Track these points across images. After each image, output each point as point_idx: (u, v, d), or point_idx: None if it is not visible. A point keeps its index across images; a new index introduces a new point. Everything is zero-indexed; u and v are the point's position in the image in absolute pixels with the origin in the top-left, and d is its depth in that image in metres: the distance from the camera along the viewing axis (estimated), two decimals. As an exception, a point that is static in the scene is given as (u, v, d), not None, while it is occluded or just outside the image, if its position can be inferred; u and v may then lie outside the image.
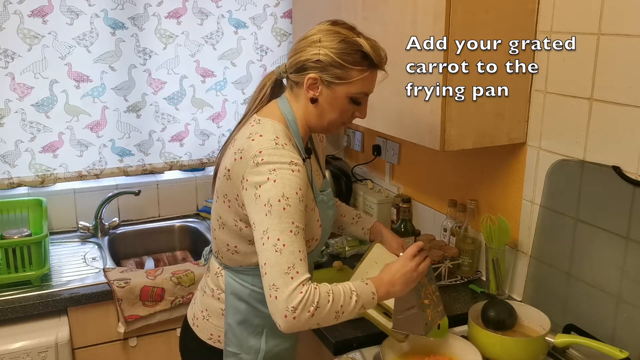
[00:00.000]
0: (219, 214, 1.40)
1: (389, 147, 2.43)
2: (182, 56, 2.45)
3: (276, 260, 1.20)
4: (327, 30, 1.31)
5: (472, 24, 1.56)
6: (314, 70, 1.30)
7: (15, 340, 1.83)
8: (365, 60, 1.30)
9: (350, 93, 1.32)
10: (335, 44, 1.29)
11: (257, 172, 1.25)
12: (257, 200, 1.24)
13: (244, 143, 1.31)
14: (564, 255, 1.61)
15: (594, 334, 1.48)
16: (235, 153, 1.32)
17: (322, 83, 1.31)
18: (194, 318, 1.51)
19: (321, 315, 1.20)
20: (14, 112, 2.24)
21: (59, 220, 2.41)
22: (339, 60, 1.28)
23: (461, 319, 1.65)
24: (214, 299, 1.47)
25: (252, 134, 1.32)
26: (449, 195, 2.08)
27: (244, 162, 1.28)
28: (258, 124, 1.35)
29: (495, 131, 1.69)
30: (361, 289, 1.27)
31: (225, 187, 1.35)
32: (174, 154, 2.55)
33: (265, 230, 1.22)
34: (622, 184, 1.45)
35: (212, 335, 1.47)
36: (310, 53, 1.30)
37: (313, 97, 1.33)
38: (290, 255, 1.20)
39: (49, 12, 2.21)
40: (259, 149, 1.27)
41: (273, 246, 1.21)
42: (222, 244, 1.42)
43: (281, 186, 1.22)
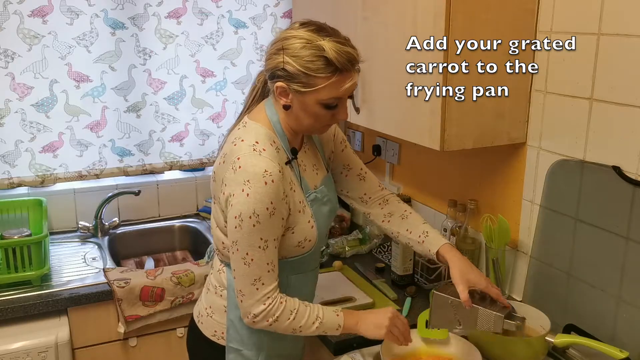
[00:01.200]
0: (213, 214, 1.45)
1: (389, 147, 2.43)
2: (182, 56, 2.45)
3: (244, 271, 1.30)
4: (292, 37, 1.27)
5: (472, 24, 1.56)
6: (281, 79, 1.28)
7: (15, 340, 1.83)
8: (330, 66, 1.24)
9: (320, 100, 1.28)
10: (298, 50, 1.24)
11: (234, 179, 1.28)
12: (231, 209, 1.29)
13: (228, 147, 1.35)
14: (564, 255, 1.61)
15: (594, 334, 1.48)
16: (221, 157, 1.37)
17: (291, 91, 1.29)
18: (199, 315, 1.53)
19: (279, 327, 1.34)
20: (14, 112, 2.24)
21: (59, 220, 2.41)
22: (301, 69, 1.24)
23: (461, 319, 1.65)
24: (217, 295, 1.48)
25: (236, 139, 1.34)
26: (449, 195, 2.08)
27: (225, 166, 1.33)
28: (244, 128, 1.37)
29: (495, 131, 1.69)
30: (327, 319, 1.38)
31: (213, 190, 1.42)
32: (174, 154, 2.55)
33: (235, 241, 1.30)
34: (622, 184, 1.45)
35: (216, 331, 1.48)
36: (276, 61, 1.27)
37: (285, 104, 1.32)
38: (257, 269, 1.29)
39: (49, 12, 2.21)
40: (238, 155, 1.30)
41: (242, 258, 1.29)
42: (218, 242, 1.44)
43: (253, 202, 1.25)
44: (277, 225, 1.31)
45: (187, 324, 2.05)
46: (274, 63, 1.28)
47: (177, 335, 2.09)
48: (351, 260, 2.12)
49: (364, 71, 1.93)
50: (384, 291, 1.87)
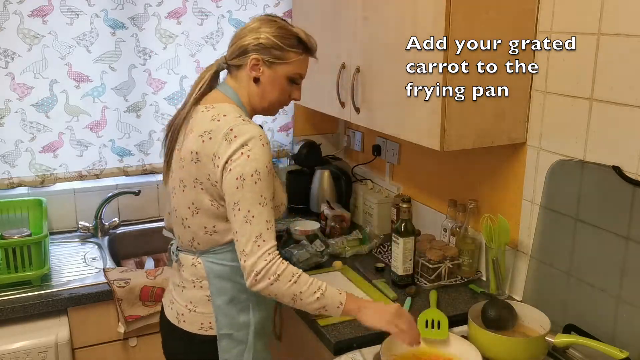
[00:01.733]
0: (190, 201, 1.46)
1: (389, 147, 2.43)
2: (182, 56, 2.45)
3: (246, 229, 1.35)
4: (265, 20, 1.49)
5: (472, 24, 1.56)
6: (256, 53, 1.45)
7: (15, 340, 1.83)
8: (301, 45, 1.48)
9: (289, 73, 1.49)
10: (274, 29, 1.46)
11: (231, 148, 1.36)
12: (229, 173, 1.35)
13: (209, 125, 1.42)
14: (564, 255, 1.61)
15: (594, 334, 1.48)
16: (202, 136, 1.41)
17: (263, 64, 1.46)
18: (179, 315, 1.53)
19: (280, 289, 1.35)
20: (14, 112, 2.24)
21: (59, 220, 2.41)
22: (278, 42, 1.45)
23: (461, 319, 1.65)
24: (196, 289, 1.50)
25: (215, 116, 1.43)
26: (449, 195, 2.08)
27: (214, 142, 1.38)
28: (213, 109, 1.46)
29: (495, 131, 1.69)
30: (330, 293, 1.40)
31: (195, 171, 1.43)
32: (174, 154, 2.54)
33: (236, 202, 1.35)
34: (622, 184, 1.45)
35: (203, 324, 1.50)
36: (251, 37, 1.46)
37: (256, 77, 1.48)
38: (258, 225, 1.35)
39: (49, 12, 2.21)
40: (229, 126, 1.38)
41: (243, 217, 1.35)
42: (199, 228, 1.47)
43: (254, 161, 1.35)
44: (271, 184, 1.39)
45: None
46: (248, 40, 1.46)
47: (177, 335, 2.08)
48: (351, 260, 2.12)
49: (364, 71, 1.93)
50: (384, 291, 1.87)
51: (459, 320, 1.66)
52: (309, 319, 1.71)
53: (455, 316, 1.69)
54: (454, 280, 1.93)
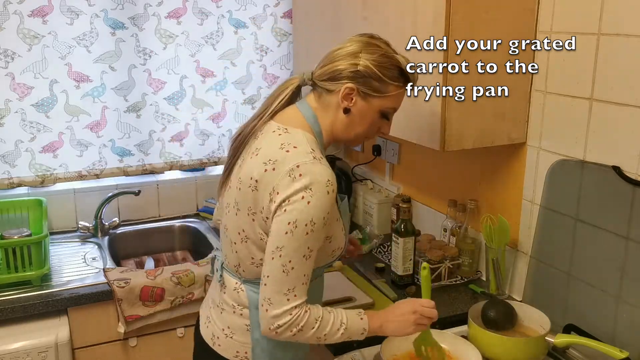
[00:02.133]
0: (241, 227, 1.35)
1: (389, 147, 2.43)
2: (182, 56, 2.45)
3: (280, 278, 1.24)
4: (367, 43, 1.31)
5: (472, 24, 1.56)
6: (351, 81, 1.29)
7: (15, 340, 1.83)
8: (402, 77, 1.33)
9: (383, 107, 1.34)
10: (377, 57, 1.29)
11: (292, 187, 1.23)
12: (284, 214, 1.23)
13: (276, 154, 1.28)
14: (564, 255, 1.61)
15: (594, 334, 1.48)
16: (266, 164, 1.28)
17: (357, 94, 1.31)
18: (214, 337, 1.44)
19: (303, 337, 1.28)
20: (14, 112, 2.24)
21: (59, 220, 2.41)
22: (378, 73, 1.29)
23: (461, 319, 1.65)
24: (236, 315, 1.41)
25: (285, 145, 1.28)
26: (449, 195, 2.08)
27: (276, 174, 1.26)
28: (286, 134, 1.31)
29: (495, 131, 1.69)
30: (352, 323, 1.32)
31: (251, 199, 1.31)
32: (174, 154, 2.55)
33: (280, 247, 1.24)
34: (622, 184, 1.45)
35: (239, 352, 1.41)
36: (348, 62, 1.29)
37: (347, 107, 1.32)
38: (295, 279, 1.24)
39: (49, 12, 2.21)
40: (296, 162, 1.24)
41: (282, 265, 1.23)
42: (246, 257, 1.37)
43: (313, 209, 1.22)
44: (323, 236, 1.28)
45: (187, 324, 2.06)
46: (344, 64, 1.29)
47: (177, 335, 2.08)
48: (351, 260, 2.12)
49: (364, 71, 1.93)
50: (384, 291, 1.87)
51: (459, 320, 1.66)
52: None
53: (455, 316, 1.69)
54: (454, 280, 1.93)
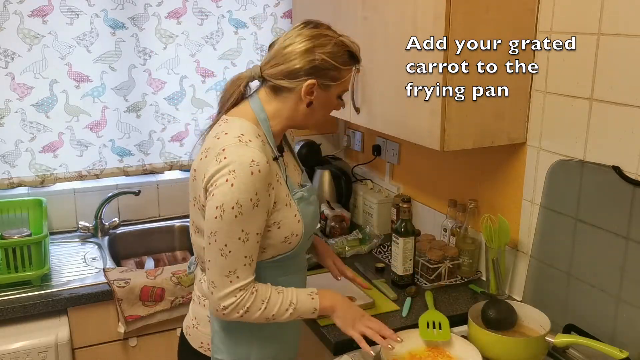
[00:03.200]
0: (192, 219, 1.40)
1: (389, 147, 2.43)
2: (182, 56, 2.45)
3: (219, 263, 1.26)
4: (317, 36, 1.31)
5: (472, 24, 1.56)
6: (311, 77, 1.31)
7: (15, 340, 1.83)
8: (352, 59, 1.35)
9: (340, 91, 1.37)
10: (330, 48, 1.31)
11: (217, 170, 1.24)
12: (211, 199, 1.25)
13: (210, 142, 1.32)
14: (564, 255, 1.61)
15: (594, 334, 1.48)
16: (202, 152, 1.33)
17: (318, 87, 1.32)
18: (187, 327, 1.50)
19: (250, 318, 1.30)
20: (14, 112, 2.24)
21: (59, 220, 2.41)
22: (334, 63, 1.31)
23: (461, 319, 1.65)
24: (201, 306, 1.45)
25: (218, 133, 1.32)
26: (449, 195, 2.08)
27: (207, 160, 1.29)
28: (225, 123, 1.35)
29: (495, 131, 1.69)
30: (302, 304, 1.34)
31: (193, 190, 1.36)
32: (174, 154, 2.55)
33: (214, 232, 1.25)
34: (622, 184, 1.45)
35: (202, 343, 1.45)
36: (305, 60, 1.30)
37: (310, 101, 1.34)
38: (235, 261, 1.26)
39: (49, 12, 2.21)
40: (223, 146, 1.27)
41: (219, 249, 1.25)
42: (199, 248, 1.39)
43: (237, 191, 1.22)
44: (260, 218, 1.27)
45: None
46: (302, 63, 1.30)
47: (177, 335, 2.08)
48: (351, 260, 2.12)
49: (364, 71, 1.93)
50: (384, 291, 1.87)
51: (459, 320, 1.66)
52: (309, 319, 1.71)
53: (455, 316, 1.69)
54: (454, 280, 1.93)
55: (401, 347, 1.50)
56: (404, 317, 1.72)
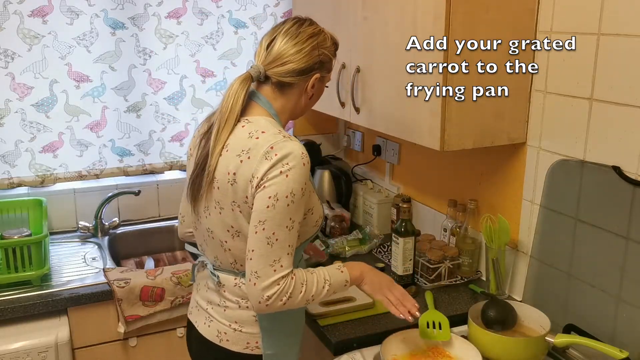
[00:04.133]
0: (229, 224, 1.38)
1: (389, 147, 2.43)
2: (182, 56, 2.45)
3: (265, 251, 1.28)
4: (316, 34, 1.41)
5: (472, 24, 1.56)
6: (316, 71, 1.41)
7: (15, 340, 1.83)
8: (335, 50, 1.48)
9: (328, 79, 1.50)
10: (328, 44, 1.43)
11: (269, 165, 1.28)
12: (263, 191, 1.28)
13: (247, 143, 1.33)
14: (564, 255, 1.61)
15: (594, 334, 1.48)
16: (240, 155, 1.33)
17: (318, 80, 1.44)
18: (220, 334, 1.46)
19: (293, 303, 1.32)
20: (14, 112, 2.24)
21: (59, 220, 2.41)
22: (331, 56, 1.45)
23: (461, 319, 1.65)
24: (242, 309, 1.44)
25: (252, 133, 1.34)
26: (449, 195, 2.08)
27: (252, 161, 1.30)
28: (250, 123, 1.37)
29: (495, 131, 1.69)
30: (335, 279, 1.39)
31: (232, 194, 1.35)
32: (174, 154, 2.55)
33: (263, 220, 1.28)
34: (622, 184, 1.45)
35: (249, 343, 1.45)
36: (313, 56, 1.39)
37: (313, 93, 1.45)
38: (280, 249, 1.29)
39: (49, 12, 2.21)
40: (269, 144, 1.30)
41: (266, 238, 1.28)
42: (241, 252, 1.38)
43: (292, 182, 1.28)
44: (303, 207, 1.34)
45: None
46: (312, 59, 1.39)
47: (177, 335, 2.09)
48: (351, 260, 2.12)
49: (364, 71, 1.93)
50: (384, 291, 1.87)
51: (459, 320, 1.66)
52: (309, 319, 1.71)
53: (455, 316, 1.69)
54: (454, 280, 1.93)
55: (401, 347, 1.50)
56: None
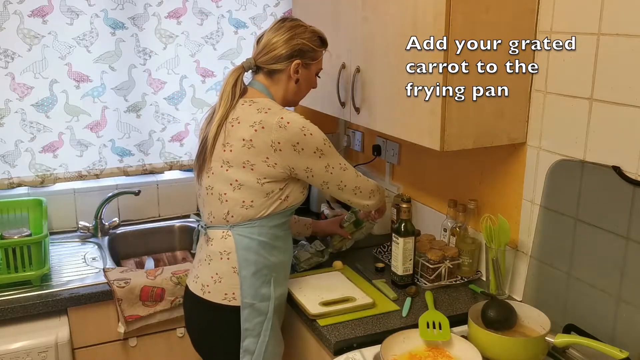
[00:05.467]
0: (233, 178, 1.63)
1: (389, 147, 2.43)
2: (182, 56, 2.45)
3: (347, 174, 1.69)
4: (294, 27, 1.70)
5: (472, 24, 1.56)
6: (297, 58, 1.69)
7: (15, 340, 1.83)
8: (323, 43, 1.76)
9: (317, 69, 1.77)
10: (306, 35, 1.70)
11: (290, 132, 1.58)
12: (302, 152, 1.59)
13: (258, 116, 1.61)
14: (564, 255, 1.61)
15: (594, 334, 1.49)
16: (253, 126, 1.60)
17: (302, 66, 1.70)
18: (204, 287, 1.68)
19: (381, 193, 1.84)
20: (14, 112, 2.24)
21: (59, 220, 2.41)
22: (312, 46, 1.71)
23: (461, 319, 1.65)
24: (223, 261, 1.65)
25: (261, 109, 1.62)
26: (449, 195, 2.08)
27: (268, 130, 1.58)
28: (255, 103, 1.66)
29: (495, 131, 1.69)
30: None
31: (246, 155, 1.60)
32: (174, 154, 2.55)
33: (326, 165, 1.64)
34: (622, 184, 1.45)
35: (227, 294, 1.65)
36: (290, 46, 1.68)
37: (297, 78, 1.71)
38: (351, 169, 1.71)
39: (49, 12, 2.21)
40: (280, 116, 1.59)
41: (341, 169, 1.67)
42: (237, 202, 1.63)
43: (317, 135, 1.61)
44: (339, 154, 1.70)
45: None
46: (288, 49, 1.68)
47: (177, 335, 2.09)
48: (351, 260, 2.12)
49: (364, 71, 1.93)
50: (384, 291, 1.87)
51: (459, 320, 1.66)
52: (309, 319, 1.71)
53: (455, 316, 1.69)
54: (454, 280, 1.93)
55: (401, 347, 1.50)
56: (404, 317, 1.72)
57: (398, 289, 1.89)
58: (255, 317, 1.66)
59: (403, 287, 1.89)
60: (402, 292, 1.87)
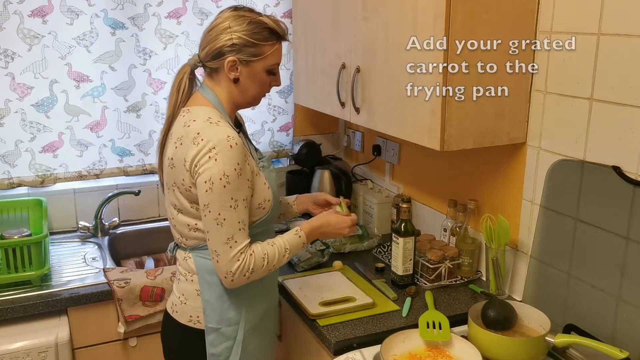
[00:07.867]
0: (173, 202, 1.51)
1: (389, 147, 2.43)
2: (182, 56, 2.44)
3: (217, 231, 1.39)
4: (234, 17, 1.46)
5: (472, 24, 1.56)
6: (231, 54, 1.45)
7: (15, 340, 1.83)
8: (274, 35, 1.48)
9: (267, 66, 1.49)
10: (245, 26, 1.45)
11: (198, 152, 1.38)
12: (199, 176, 1.38)
13: (181, 131, 1.44)
14: (564, 255, 1.61)
15: (594, 334, 1.49)
16: (175, 142, 1.45)
17: (240, 63, 1.46)
18: (173, 305, 1.58)
19: (256, 276, 1.44)
20: (14, 112, 2.24)
21: (59, 220, 2.41)
22: (251, 40, 1.45)
23: (461, 319, 1.65)
24: (188, 282, 1.55)
25: (187, 122, 1.45)
26: (449, 195, 2.08)
27: (184, 147, 1.41)
28: (188, 113, 1.48)
29: (495, 131, 1.69)
30: (293, 244, 1.51)
31: (172, 176, 1.46)
32: (174, 154, 2.54)
33: (206, 204, 1.39)
34: (622, 184, 1.45)
35: (192, 317, 1.54)
36: (224, 40, 1.45)
37: (235, 78, 1.48)
38: (229, 227, 1.39)
39: (49, 12, 2.21)
40: (197, 131, 1.40)
41: (214, 219, 1.39)
42: (183, 226, 1.51)
43: (222, 164, 1.36)
44: (244, 186, 1.41)
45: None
46: (221, 42, 1.45)
47: (177, 335, 2.08)
48: (351, 260, 2.12)
49: (364, 71, 1.93)
50: (384, 291, 1.87)
51: (459, 320, 1.66)
52: (309, 319, 1.71)
53: (455, 316, 1.69)
54: (454, 280, 1.93)
55: (401, 347, 1.50)
56: (404, 317, 1.72)
57: (398, 289, 1.89)
58: (222, 342, 1.52)
59: (403, 287, 1.89)
60: (402, 292, 1.87)
